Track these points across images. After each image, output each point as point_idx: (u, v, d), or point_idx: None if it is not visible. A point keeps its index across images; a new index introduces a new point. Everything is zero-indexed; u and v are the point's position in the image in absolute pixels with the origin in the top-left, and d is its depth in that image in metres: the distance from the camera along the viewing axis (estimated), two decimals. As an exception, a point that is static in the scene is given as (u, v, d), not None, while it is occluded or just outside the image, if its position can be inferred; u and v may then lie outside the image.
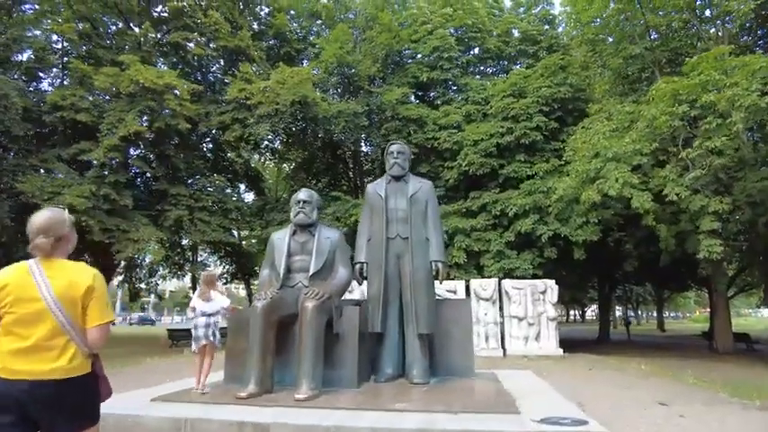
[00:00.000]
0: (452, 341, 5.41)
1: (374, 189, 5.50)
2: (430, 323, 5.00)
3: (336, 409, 3.72)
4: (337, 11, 16.28)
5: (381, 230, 5.21)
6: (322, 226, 5.19)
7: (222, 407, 3.79)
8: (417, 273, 5.08)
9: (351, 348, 4.66)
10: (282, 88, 12.37)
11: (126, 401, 4.16)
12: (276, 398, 4.06)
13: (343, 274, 4.95)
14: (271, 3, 14.93)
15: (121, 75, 11.40)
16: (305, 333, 4.28)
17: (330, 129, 13.10)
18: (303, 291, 4.57)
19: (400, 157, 5.49)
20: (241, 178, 19.58)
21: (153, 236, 11.75)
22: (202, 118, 13.32)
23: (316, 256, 4.87)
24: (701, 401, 5.17)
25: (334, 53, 13.15)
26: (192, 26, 13.09)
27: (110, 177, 11.56)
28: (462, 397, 4.11)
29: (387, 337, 5.16)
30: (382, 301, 5.06)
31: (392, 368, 5.09)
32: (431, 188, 5.59)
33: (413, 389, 4.60)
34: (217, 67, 16.05)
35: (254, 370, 4.26)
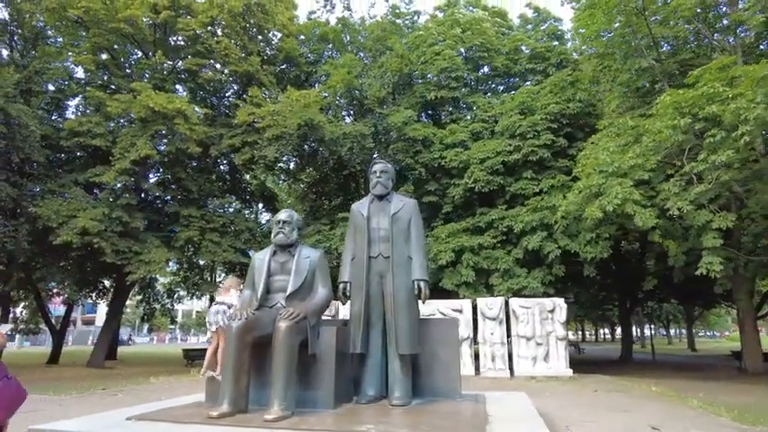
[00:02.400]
0: (438, 362, 5.33)
1: (357, 208, 5.51)
2: (411, 343, 4.93)
3: (301, 430, 3.70)
4: (346, 34, 16.60)
5: (364, 250, 5.20)
6: (302, 246, 5.21)
7: (188, 426, 3.82)
8: (399, 292, 5.02)
9: (327, 369, 4.63)
10: (290, 112, 12.63)
11: (102, 420, 4.24)
12: (247, 418, 4.07)
13: (322, 294, 4.95)
14: (281, 29, 15.32)
15: (134, 101, 11.83)
16: (277, 353, 4.28)
17: (336, 150, 13.28)
18: (280, 311, 4.59)
19: (383, 176, 5.49)
20: (257, 199, 19.99)
21: (164, 257, 11.98)
22: (214, 141, 13.65)
23: (294, 275, 4.89)
24: (698, 426, 4.93)
25: (342, 78, 13.40)
26: (204, 53, 13.51)
27: (122, 200, 11.91)
28: (433, 419, 4.03)
29: (369, 358, 5.11)
30: (363, 321, 5.02)
31: (374, 389, 5.02)
32: (414, 206, 5.54)
33: (391, 410, 4.53)
34: (232, 92, 16.47)
35: (228, 390, 4.27)
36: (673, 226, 9.83)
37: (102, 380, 10.88)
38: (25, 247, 11.36)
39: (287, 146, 13.02)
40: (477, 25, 15.52)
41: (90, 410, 5.14)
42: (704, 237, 9.02)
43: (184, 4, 13.06)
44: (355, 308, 5.13)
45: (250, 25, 14.52)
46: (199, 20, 13.08)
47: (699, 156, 8.57)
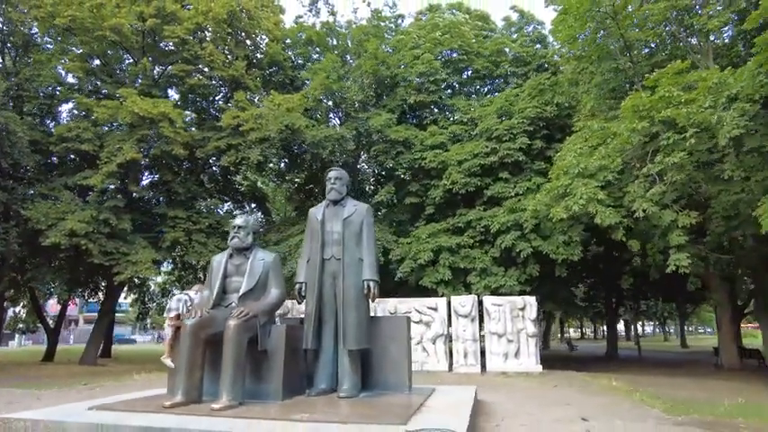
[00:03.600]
0: (389, 358, 5.71)
1: (314, 213, 5.89)
2: (358, 340, 5.30)
3: (241, 417, 4.08)
4: (332, 38, 16.95)
5: (318, 252, 5.59)
6: (258, 249, 5.59)
7: (141, 414, 4.20)
8: (348, 292, 5.40)
9: (277, 364, 5.02)
10: (272, 115, 12.99)
11: (66, 410, 4.63)
12: (197, 408, 4.45)
13: (275, 294, 5.34)
14: (267, 33, 15.67)
15: (120, 107, 12.20)
16: (226, 349, 4.66)
17: (318, 152, 13.64)
18: (232, 310, 4.97)
19: (337, 182, 5.87)
20: (249, 199, 20.38)
21: (150, 258, 12.37)
22: (201, 144, 14.02)
23: (248, 277, 5.28)
24: (627, 417, 5.28)
25: (321, 83, 13.76)
26: (190, 59, 13.87)
27: (109, 203, 12.30)
28: (367, 410, 4.39)
29: (322, 354, 5.49)
30: (316, 319, 5.41)
31: (326, 383, 5.40)
32: (367, 210, 5.91)
33: (337, 402, 4.92)
34: (221, 95, 16.84)
35: (181, 382, 4.67)
36: (637, 226, 10.16)
37: (92, 376, 11.30)
38: (15, 248, 11.75)
39: (270, 148, 13.40)
40: (456, 29, 15.84)
41: (63, 403, 5.51)
42: (670, 235, 9.35)
43: (170, 12, 13.39)
44: (309, 307, 5.52)
45: (236, 31, 14.88)
46: (184, 27, 13.43)
47: (656, 158, 8.90)
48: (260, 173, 17.49)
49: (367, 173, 16.09)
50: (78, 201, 12.45)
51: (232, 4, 13.88)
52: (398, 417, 4.08)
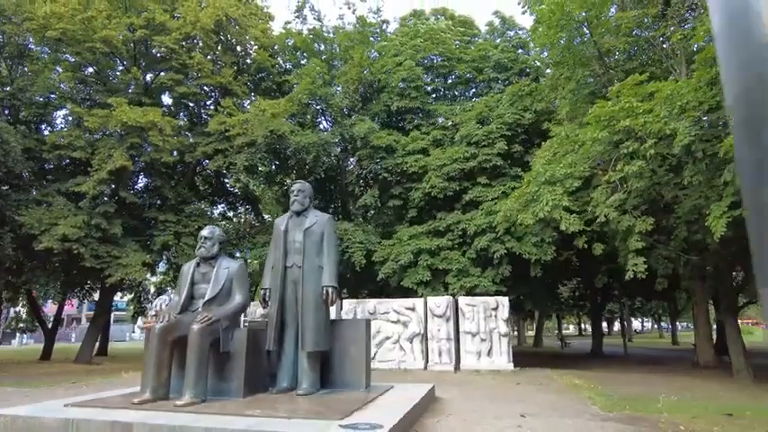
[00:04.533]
0: (348, 358, 6.20)
1: (278, 223, 6.39)
2: (316, 342, 5.78)
3: (200, 413, 4.55)
4: (319, 44, 17.39)
5: (280, 260, 6.07)
6: (223, 258, 6.06)
7: (110, 410, 4.66)
8: (308, 297, 5.89)
9: (239, 364, 5.50)
10: (258, 121, 13.45)
11: (45, 406, 5.09)
12: (163, 404, 4.93)
13: (238, 300, 5.82)
14: (255, 41, 16.12)
15: (111, 115, 12.67)
16: (189, 351, 5.14)
17: (302, 157, 14.09)
18: (197, 315, 5.44)
19: (300, 194, 6.37)
20: (241, 201, 20.88)
21: (140, 261, 12.85)
22: (189, 149, 14.49)
23: (212, 284, 5.75)
24: (566, 413, 5.72)
25: (306, 88, 14.21)
26: (179, 68, 14.32)
27: (100, 208, 12.78)
28: (317, 406, 4.86)
29: (284, 355, 5.98)
30: (278, 323, 5.90)
31: (287, 381, 5.89)
32: (328, 221, 6.39)
33: (296, 398, 5.39)
34: (212, 100, 17.29)
35: (150, 381, 5.15)
36: (602, 230, 10.59)
37: (84, 375, 11.78)
38: (10, 253, 12.25)
39: (256, 153, 13.86)
40: (437, 35, 16.25)
41: (48, 400, 5.97)
42: (629, 240, 9.79)
43: (160, 23, 13.84)
44: (271, 311, 6.00)
45: (224, 39, 15.33)
46: (173, 37, 13.87)
47: (617, 166, 9.33)
48: (250, 175, 17.96)
49: (354, 175, 16.53)
50: (71, 206, 12.92)
51: (219, 15, 14.32)
52: (340, 413, 4.53)
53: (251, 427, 4.04)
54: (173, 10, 15.18)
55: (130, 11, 14.23)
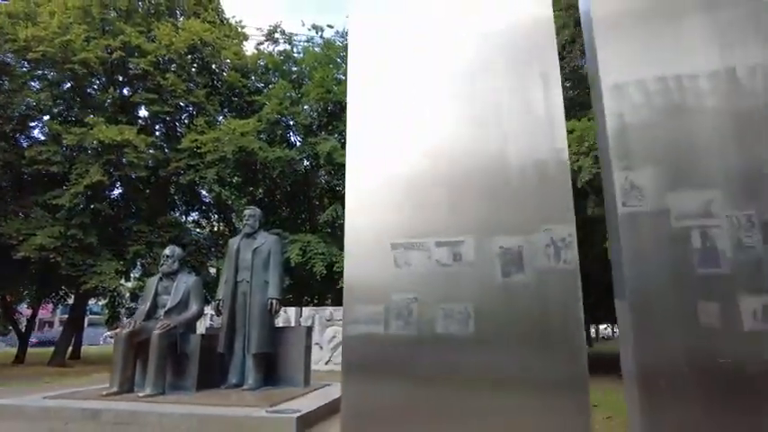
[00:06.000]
0: (290, 359, 7.31)
1: (232, 243, 7.50)
2: (260, 345, 6.88)
3: (152, 402, 5.60)
4: (290, 65, 18.48)
5: (232, 275, 7.17)
6: (183, 273, 7.13)
7: (82, 401, 5.68)
8: (254, 308, 6.99)
9: (193, 364, 6.56)
10: (228, 139, 14.49)
11: (25, 399, 6.07)
12: (127, 396, 5.97)
13: (194, 309, 6.88)
14: (228, 63, 17.15)
15: (88, 133, 13.55)
16: (151, 352, 6.18)
17: (268, 173, 15.15)
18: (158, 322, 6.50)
19: (251, 219, 7.49)
20: (214, 210, 21.78)
21: (113, 269, 13.72)
22: (162, 164, 15.42)
23: (173, 296, 6.80)
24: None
25: (274, 108, 15.29)
26: (153, 87, 15.26)
27: (77, 219, 13.62)
28: (256, 399, 5.95)
29: (234, 356, 7.05)
30: (229, 329, 6.98)
31: (236, 379, 6.96)
32: (275, 241, 7.51)
33: (241, 393, 6.46)
34: (186, 115, 18.21)
35: (117, 377, 6.18)
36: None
37: (57, 376, 12.59)
38: (-13, 261, 13.04)
39: (225, 169, 14.88)
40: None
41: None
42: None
43: (135, 45, 14.77)
44: (223, 319, 7.08)
45: (198, 61, 16.32)
46: (148, 59, 14.81)
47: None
48: (222, 187, 18.90)
49: (319, 189, 17.63)
50: (48, 217, 13.73)
51: (194, 39, 15.32)
52: (272, 402, 5.64)
53: (198, 412, 5.13)
54: (148, 32, 16.10)
55: (108, 34, 15.12)
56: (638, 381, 1.69)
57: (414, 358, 1.90)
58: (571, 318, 1.74)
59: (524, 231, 1.83)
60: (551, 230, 1.80)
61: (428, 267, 1.94)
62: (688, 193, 1.74)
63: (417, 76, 2.27)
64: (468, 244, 1.90)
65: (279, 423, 4.78)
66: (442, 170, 2.01)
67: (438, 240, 1.94)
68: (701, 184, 1.74)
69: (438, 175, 2.01)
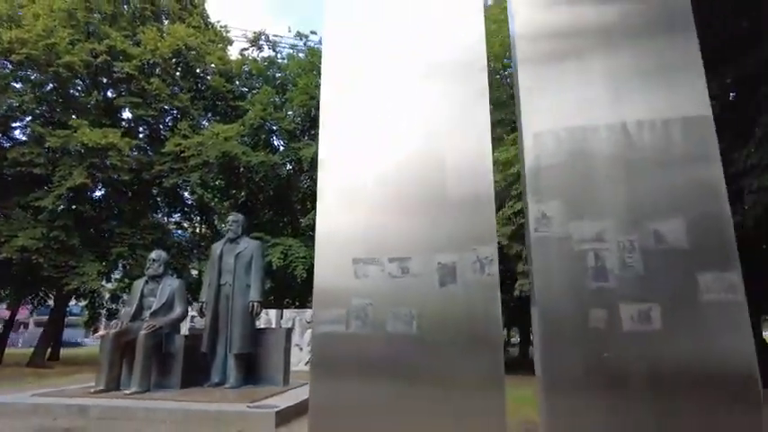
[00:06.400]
0: (270, 360, 7.66)
1: (215, 247, 7.82)
2: (241, 346, 7.22)
3: (137, 399, 5.92)
4: (274, 71, 18.81)
5: (215, 279, 7.50)
6: (168, 277, 7.46)
7: (70, 398, 5.97)
8: (236, 310, 7.34)
9: (177, 363, 6.89)
10: (211, 144, 14.76)
11: (13, 396, 6.33)
12: (113, 394, 6.27)
13: (178, 311, 7.20)
14: (212, 68, 17.41)
15: (72, 136, 13.70)
16: (137, 351, 6.49)
17: (251, 177, 15.47)
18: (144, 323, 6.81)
19: (234, 225, 7.83)
20: (196, 212, 21.94)
21: (95, 270, 13.88)
22: (146, 167, 15.61)
23: (158, 298, 7.11)
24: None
25: (257, 114, 15.61)
26: (137, 91, 15.45)
27: (59, 221, 13.75)
28: (238, 396, 6.30)
29: (216, 356, 7.39)
30: (212, 330, 7.31)
31: (218, 377, 7.29)
32: (257, 247, 7.87)
33: (224, 390, 6.80)
34: (170, 118, 18.38)
35: (104, 375, 6.47)
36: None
37: (39, 378, 12.69)
38: (-32, 262, 13.09)
39: (209, 173, 15.14)
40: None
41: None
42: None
43: (120, 49, 14.95)
44: (206, 320, 7.41)
45: (182, 66, 16.55)
46: (133, 64, 15.01)
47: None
48: (205, 190, 19.11)
49: (302, 194, 17.97)
50: (30, 219, 13.83)
51: (179, 44, 15.56)
52: (252, 399, 6.00)
53: (182, 407, 5.48)
54: (134, 36, 16.28)
55: (93, 37, 15.27)
56: (544, 379, 2.14)
57: (369, 353, 2.32)
58: (492, 322, 2.18)
59: (457, 250, 2.27)
60: (477, 250, 2.24)
61: (382, 278, 2.36)
62: (586, 222, 2.20)
63: (381, 97, 2.69)
64: (414, 260, 2.33)
65: (259, 417, 5.16)
66: (394, 198, 2.44)
67: (390, 257, 2.37)
68: (596, 215, 2.20)
69: (390, 203, 2.44)
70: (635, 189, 2.20)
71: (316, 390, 2.41)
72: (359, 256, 2.43)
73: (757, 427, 1.95)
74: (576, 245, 2.19)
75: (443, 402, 2.19)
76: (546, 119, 2.35)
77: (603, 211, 2.20)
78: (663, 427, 2.03)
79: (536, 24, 2.57)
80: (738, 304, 2.03)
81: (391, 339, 2.30)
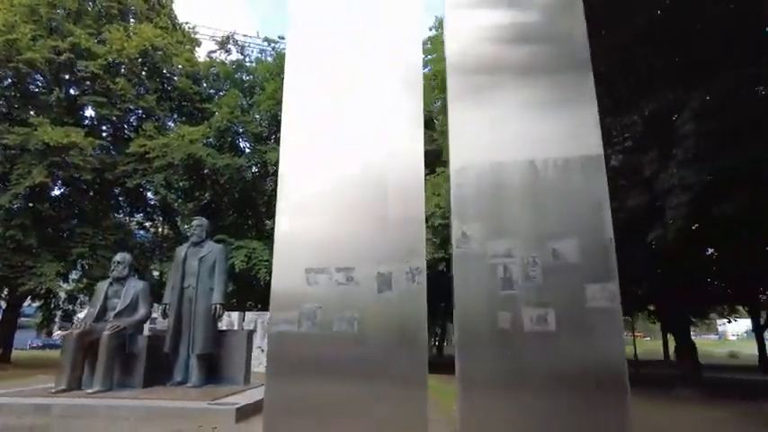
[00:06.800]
0: (232, 360, 7.90)
1: (179, 251, 8.03)
2: (203, 346, 7.46)
3: (98, 398, 6.09)
4: (242, 74, 18.94)
5: (179, 281, 7.71)
6: (132, 279, 7.63)
7: (32, 398, 6.09)
8: (199, 312, 7.57)
9: (140, 362, 7.08)
10: (177, 146, 14.80)
11: (-25, 397, 6.38)
12: (75, 393, 6.41)
13: (142, 312, 7.40)
14: (180, 68, 17.40)
15: (32, 134, 13.51)
16: (100, 351, 6.66)
17: (216, 179, 15.58)
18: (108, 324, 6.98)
19: (198, 229, 8.06)
20: (159, 213, 21.74)
21: (53, 271, 13.70)
22: (109, 167, 15.49)
23: (122, 299, 7.29)
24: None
25: (223, 117, 15.75)
26: (102, 91, 15.34)
27: (16, 220, 13.53)
28: (200, 394, 6.53)
29: (179, 356, 7.59)
30: (175, 331, 7.52)
31: (180, 377, 7.50)
32: (221, 251, 8.12)
33: (186, 389, 7.01)
34: (135, 117, 18.24)
35: (66, 375, 6.60)
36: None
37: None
38: None
39: (173, 175, 15.17)
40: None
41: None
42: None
43: (85, 48, 14.82)
44: (169, 321, 7.61)
45: (149, 66, 16.50)
46: (98, 63, 14.90)
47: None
48: (169, 190, 19.02)
49: (266, 197, 18.13)
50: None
51: (145, 45, 15.53)
52: (214, 397, 6.27)
53: (145, 404, 5.71)
54: (99, 34, 16.15)
55: (56, 34, 15.08)
56: (461, 377, 2.57)
57: (317, 351, 2.72)
58: (419, 325, 2.62)
59: (393, 262, 2.70)
60: (410, 262, 2.68)
61: (330, 285, 2.76)
62: (498, 241, 2.67)
63: (334, 119, 3.09)
64: (358, 270, 2.74)
65: (219, 413, 5.46)
66: (342, 214, 2.85)
67: (337, 267, 2.78)
68: (506, 235, 2.67)
69: (339, 218, 2.85)
70: (538, 215, 2.68)
71: (270, 385, 2.78)
72: (311, 266, 2.82)
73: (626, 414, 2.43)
74: (489, 259, 2.65)
75: (378, 394, 2.60)
76: (469, 152, 2.81)
77: (513, 232, 2.67)
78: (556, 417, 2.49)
79: (465, 61, 3.03)
80: (615, 311, 2.53)
81: (336, 339, 2.69)
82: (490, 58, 3.01)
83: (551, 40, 2.99)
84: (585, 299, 2.56)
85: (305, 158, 3.09)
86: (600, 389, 2.45)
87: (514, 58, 2.98)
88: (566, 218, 2.66)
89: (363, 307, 2.70)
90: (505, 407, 2.53)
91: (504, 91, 2.92)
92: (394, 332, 2.63)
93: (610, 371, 2.47)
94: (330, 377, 2.68)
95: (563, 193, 2.70)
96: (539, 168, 2.75)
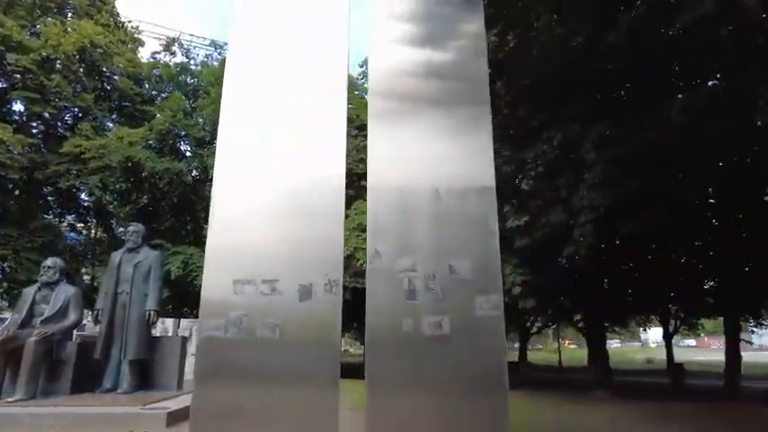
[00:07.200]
0: (165, 366, 7.90)
1: (114, 256, 8.00)
2: (136, 352, 7.45)
3: (27, 406, 6.01)
4: (186, 77, 18.67)
5: (112, 287, 7.68)
6: (63, 284, 7.51)
7: (-52, 406, 5.90)
8: (132, 318, 7.55)
9: (68, 369, 6.98)
10: (115, 148, 14.44)
11: None
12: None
13: (72, 318, 7.30)
14: (121, 68, 16.95)
15: (-46, 128, 12.81)
16: (24, 358, 6.54)
17: (155, 182, 15.31)
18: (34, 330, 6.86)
19: (134, 235, 8.06)
20: (92, 215, 20.91)
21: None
22: (40, 167, 14.87)
23: (51, 305, 7.18)
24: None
25: (165, 119, 15.52)
26: (35, 87, 14.72)
27: (-68, 219, 12.76)
28: (131, 400, 6.51)
29: (110, 362, 7.52)
30: (106, 336, 7.46)
31: (110, 383, 7.42)
32: (156, 257, 8.14)
33: (116, 396, 6.98)
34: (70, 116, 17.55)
35: (-16, 382, 6.42)
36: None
37: None
38: None
39: (110, 177, 14.77)
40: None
41: None
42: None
43: (16, 41, 14.21)
44: (101, 327, 7.55)
45: (88, 64, 15.99)
46: (30, 57, 14.32)
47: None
48: (104, 192, 18.39)
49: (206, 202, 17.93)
50: None
51: (84, 42, 15.07)
52: (146, 403, 6.33)
53: (72, 411, 5.71)
54: (33, 27, 15.52)
55: (-15, 25, 14.37)
56: (369, 380, 2.94)
57: (242, 356, 3.00)
58: (334, 331, 2.98)
59: (314, 275, 3.05)
60: (329, 275, 3.04)
61: (255, 295, 3.07)
62: (405, 257, 3.08)
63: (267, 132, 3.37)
64: (281, 282, 3.07)
65: (150, 417, 5.55)
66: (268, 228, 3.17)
67: (263, 279, 3.09)
68: (411, 252, 3.09)
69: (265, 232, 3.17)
70: (439, 236, 3.12)
71: (198, 389, 3.03)
72: (238, 278, 3.11)
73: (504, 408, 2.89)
74: (397, 274, 3.05)
75: (295, 395, 2.92)
76: (383, 173, 3.21)
77: (417, 250, 3.10)
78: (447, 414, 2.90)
79: (385, 86, 3.43)
80: (499, 318, 3.00)
81: (260, 344, 3.00)
82: (405, 88, 3.43)
83: (458, 78, 3.47)
84: (475, 308, 3.01)
85: (236, 173, 3.33)
86: (484, 387, 2.90)
87: (426, 90, 3.43)
88: (461, 239, 3.12)
89: (285, 315, 3.02)
90: (407, 405, 2.92)
91: (416, 118, 3.35)
92: (311, 337, 2.97)
93: (492, 371, 2.93)
94: (253, 380, 2.96)
95: (459, 217, 3.16)
96: (440, 194, 3.19)
